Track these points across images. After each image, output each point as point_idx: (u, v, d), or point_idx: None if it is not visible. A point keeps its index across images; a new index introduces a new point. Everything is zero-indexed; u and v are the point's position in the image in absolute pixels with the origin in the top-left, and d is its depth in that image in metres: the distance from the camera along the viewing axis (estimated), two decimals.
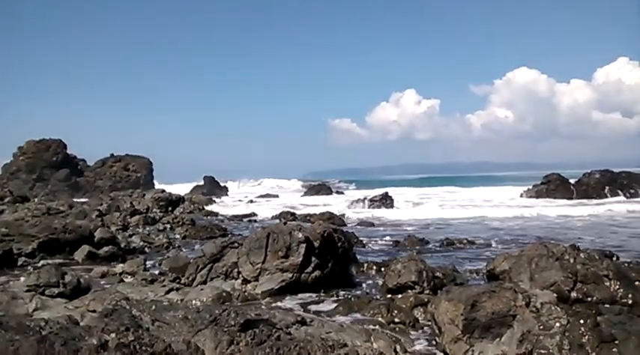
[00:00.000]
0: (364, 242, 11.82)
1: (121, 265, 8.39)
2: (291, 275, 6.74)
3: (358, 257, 9.15)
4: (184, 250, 10.78)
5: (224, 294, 6.39)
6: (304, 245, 6.79)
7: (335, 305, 6.12)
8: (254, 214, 20.82)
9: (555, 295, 5.41)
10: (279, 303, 6.34)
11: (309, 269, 6.84)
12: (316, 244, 6.98)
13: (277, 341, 3.33)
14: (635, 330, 4.91)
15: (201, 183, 44.08)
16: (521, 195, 26.92)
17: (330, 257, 7.14)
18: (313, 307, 6.19)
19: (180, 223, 15.66)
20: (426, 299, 5.71)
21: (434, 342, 4.88)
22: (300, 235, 6.85)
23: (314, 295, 6.67)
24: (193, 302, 5.94)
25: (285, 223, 8.34)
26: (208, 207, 25.15)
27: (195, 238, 12.86)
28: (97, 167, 44.51)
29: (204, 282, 7.07)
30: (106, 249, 9.61)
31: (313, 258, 6.89)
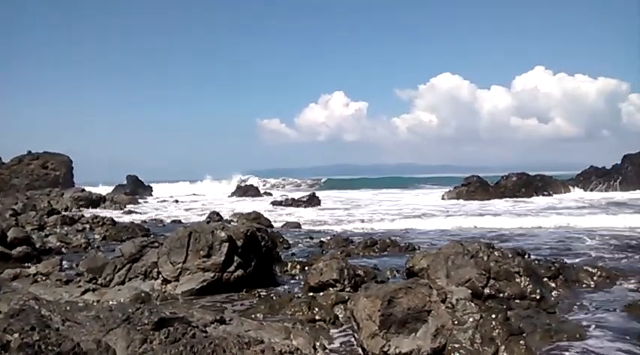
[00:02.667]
0: (290, 242, 11.84)
1: (36, 266, 8.01)
2: (212, 274, 6.66)
3: (283, 256, 9.17)
4: (103, 250, 10.43)
5: (142, 295, 6.23)
6: (227, 244, 6.73)
7: (256, 303, 6.11)
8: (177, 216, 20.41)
9: (470, 291, 5.61)
10: (199, 303, 6.25)
11: (232, 268, 6.78)
12: (239, 243, 6.93)
13: (192, 339, 3.29)
14: (541, 323, 5.19)
15: (124, 182, 42.83)
16: (443, 197, 27.71)
17: (253, 256, 7.11)
18: (234, 306, 6.14)
19: (101, 223, 15.16)
20: (346, 297, 5.78)
21: (353, 339, 4.95)
22: (223, 234, 6.78)
23: (236, 294, 6.63)
24: (110, 302, 5.77)
25: (207, 222, 8.22)
26: (130, 207, 24.47)
27: (116, 239, 12.45)
28: (12, 164, 42.34)
29: (122, 283, 6.87)
30: (19, 249, 9.14)
31: (236, 258, 6.83)
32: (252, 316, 5.57)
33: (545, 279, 6.95)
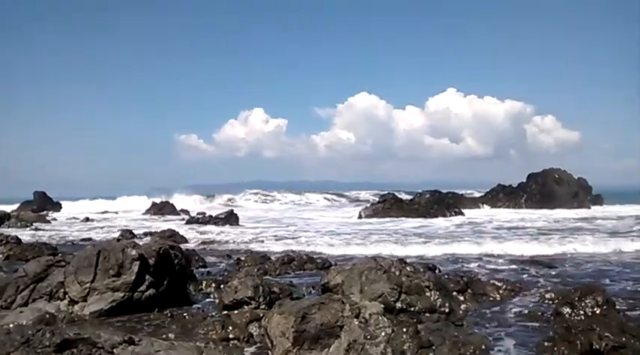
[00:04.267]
0: (206, 260, 11.64)
1: None
2: (122, 294, 6.44)
3: (198, 275, 8.99)
4: (6, 270, 9.83)
5: (47, 316, 5.94)
6: (138, 262, 6.53)
7: (168, 323, 5.95)
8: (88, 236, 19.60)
9: (382, 306, 5.72)
10: (108, 324, 6.02)
11: (143, 287, 6.58)
12: (151, 262, 6.75)
13: None
14: (450, 335, 5.36)
15: (31, 198, 40.68)
16: (360, 216, 28.07)
17: (166, 275, 6.94)
18: (145, 326, 5.96)
19: (4, 242, 14.29)
20: (261, 314, 5.75)
21: None
22: (134, 252, 6.58)
23: (147, 314, 6.43)
24: (10, 325, 5.44)
25: (118, 240, 7.95)
26: (37, 224, 23.26)
27: (21, 258, 11.76)
28: None
29: (25, 304, 6.51)
30: None
31: (148, 276, 6.64)
32: (164, 336, 5.42)
33: (455, 293, 7.21)
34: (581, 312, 6.24)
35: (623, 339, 5.19)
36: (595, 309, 6.22)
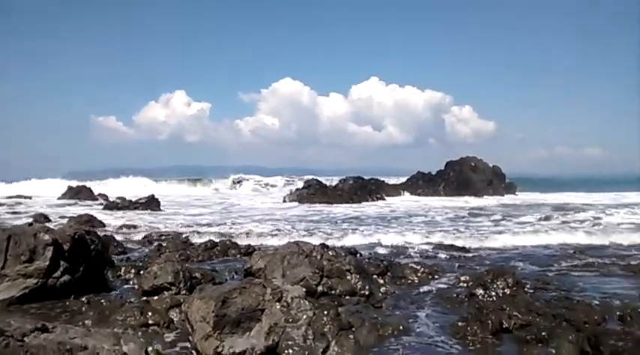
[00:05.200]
0: (125, 246, 11.35)
1: None
2: (36, 280, 6.18)
3: (117, 261, 8.75)
4: None
5: None
6: (52, 248, 6.28)
7: (85, 310, 5.78)
8: None
9: (304, 289, 5.79)
10: (20, 311, 5.77)
11: (58, 273, 6.34)
12: (66, 247, 6.50)
13: (5, 348, 3.03)
14: (369, 317, 5.51)
15: None
16: (284, 200, 28.16)
17: (82, 260, 6.71)
18: (60, 313, 5.76)
19: None
20: (181, 300, 5.68)
21: (188, 342, 4.88)
22: (47, 237, 6.31)
23: (62, 301, 6.20)
24: None
25: (30, 224, 7.60)
26: None
27: None
28: None
29: None
30: None
31: (62, 262, 6.40)
32: (80, 323, 5.27)
33: (375, 276, 7.40)
34: (493, 293, 6.56)
35: (530, 318, 5.51)
36: (505, 290, 6.56)
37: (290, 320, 5.12)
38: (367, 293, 6.26)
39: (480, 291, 6.64)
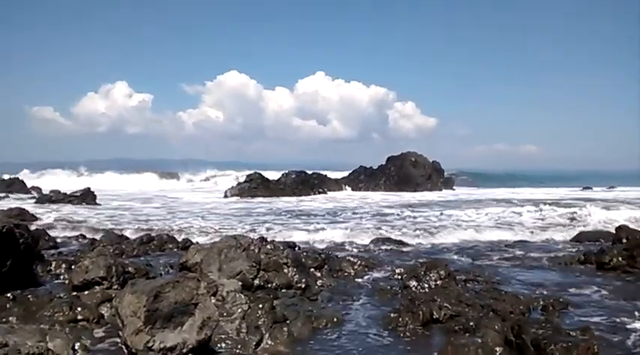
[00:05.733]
0: (58, 240, 11.02)
1: None
2: None
3: (48, 255, 8.47)
4: None
5: None
6: None
7: (10, 306, 5.57)
8: None
9: (241, 283, 5.79)
10: None
11: None
12: None
13: None
14: (304, 310, 5.56)
15: None
16: (226, 195, 27.86)
17: (9, 255, 6.46)
18: None
19: None
20: (113, 295, 5.56)
21: (118, 337, 4.79)
22: None
23: None
24: None
25: None
26: None
27: None
28: None
29: None
30: None
31: None
32: (4, 320, 5.09)
33: (312, 269, 7.45)
34: (426, 285, 6.73)
35: (460, 308, 5.70)
36: (438, 282, 6.74)
37: (224, 313, 5.11)
38: (303, 286, 6.31)
39: (413, 283, 6.80)
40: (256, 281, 6.17)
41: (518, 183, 49.27)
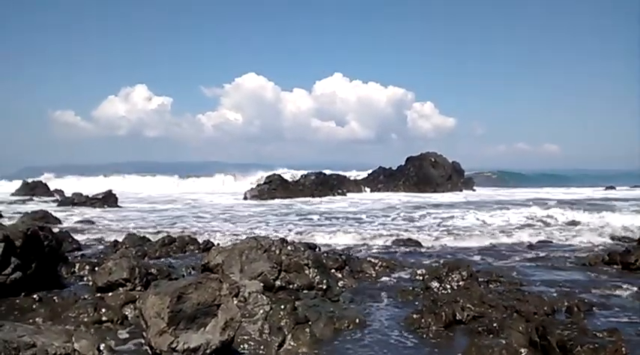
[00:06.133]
0: (81, 242, 11.15)
1: None
2: None
3: (72, 257, 8.59)
4: None
5: None
6: (3, 244, 6.11)
7: (36, 307, 5.64)
8: None
9: (262, 284, 5.81)
10: None
11: (9, 270, 6.16)
12: (18, 243, 6.33)
13: None
14: (326, 311, 5.55)
15: None
16: (245, 196, 27.94)
17: (34, 257, 6.55)
18: (10, 311, 5.61)
19: None
20: (137, 296, 5.60)
21: (142, 338, 4.83)
22: None
23: (13, 299, 6.04)
24: None
25: None
26: None
27: None
28: None
29: None
30: None
31: (14, 259, 6.23)
32: (30, 320, 5.15)
33: (333, 270, 7.44)
34: (448, 286, 6.68)
35: (482, 309, 5.64)
36: (460, 283, 6.69)
37: (247, 314, 5.13)
38: (325, 287, 6.30)
39: (435, 284, 6.76)
40: (277, 283, 6.17)
41: (540, 182, 48.74)
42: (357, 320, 5.49)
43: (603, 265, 8.65)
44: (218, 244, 10.80)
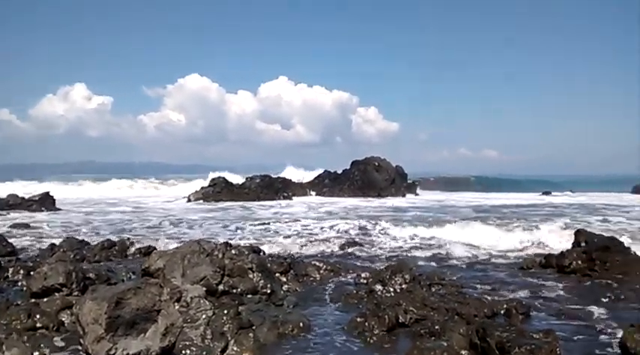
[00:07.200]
0: (15, 245, 10.70)
1: None
2: None
3: (4, 262, 8.21)
4: None
5: None
6: None
7: None
8: None
9: (204, 289, 5.71)
10: None
11: None
12: None
13: None
14: (269, 316, 5.51)
15: None
16: (189, 199, 27.45)
17: None
18: None
19: None
20: (74, 301, 5.40)
21: (79, 345, 4.66)
22: None
23: None
24: None
25: None
26: None
27: None
28: None
29: None
30: None
31: None
32: None
33: (277, 274, 7.40)
34: (391, 289, 6.75)
35: (425, 312, 5.72)
36: (403, 286, 6.77)
37: (188, 320, 5.03)
38: (269, 291, 6.24)
39: (378, 287, 6.81)
40: (221, 287, 6.07)
41: (481, 187, 50.06)
42: (302, 325, 5.47)
43: (540, 268, 8.93)
44: (159, 248, 10.57)
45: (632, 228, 14.60)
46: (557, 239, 11.70)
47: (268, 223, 16.58)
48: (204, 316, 5.13)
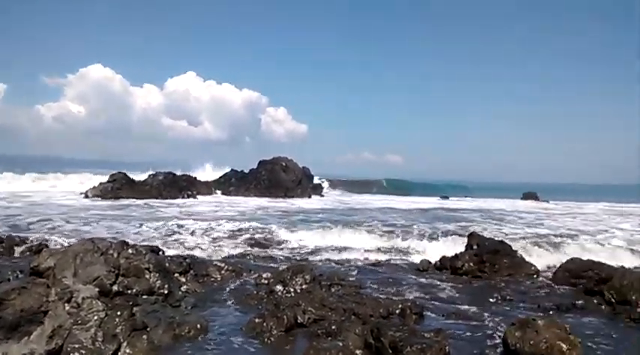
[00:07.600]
0: None
1: None
2: None
3: None
4: None
5: None
6: None
7: None
8: None
9: (98, 289, 5.48)
10: None
11: None
12: None
13: None
14: (165, 317, 5.39)
15: None
16: (87, 195, 26.22)
17: None
18: None
19: None
20: None
21: None
22: None
23: None
24: None
25: None
26: None
27: None
28: None
29: None
30: None
31: None
32: None
33: (176, 275, 7.24)
34: (292, 290, 6.79)
35: (323, 312, 5.81)
36: (303, 286, 6.83)
37: (79, 321, 4.81)
38: (166, 292, 6.10)
39: (279, 288, 6.83)
40: (115, 287, 5.85)
41: (386, 190, 51.58)
42: (199, 326, 5.39)
43: (435, 270, 9.31)
44: (51, 246, 10.06)
45: (524, 232, 15.60)
46: (451, 243, 12.23)
47: (170, 222, 16.18)
48: (95, 317, 4.92)
